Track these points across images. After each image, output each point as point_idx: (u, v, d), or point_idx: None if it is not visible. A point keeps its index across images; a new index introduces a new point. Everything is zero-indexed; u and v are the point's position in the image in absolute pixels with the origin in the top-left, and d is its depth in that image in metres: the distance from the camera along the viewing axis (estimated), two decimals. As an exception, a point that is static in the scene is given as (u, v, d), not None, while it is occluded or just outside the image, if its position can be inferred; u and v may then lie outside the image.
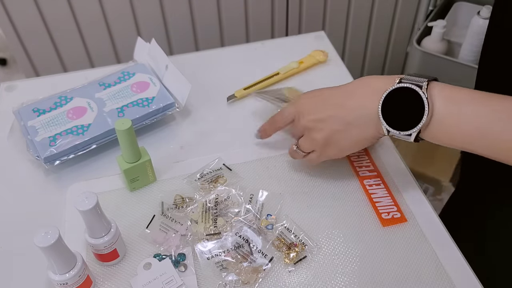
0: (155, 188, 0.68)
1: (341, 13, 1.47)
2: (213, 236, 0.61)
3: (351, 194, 0.67)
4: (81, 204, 0.52)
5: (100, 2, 1.25)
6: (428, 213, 0.64)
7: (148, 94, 0.77)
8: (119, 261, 0.60)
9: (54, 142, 0.69)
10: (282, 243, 0.60)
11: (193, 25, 1.37)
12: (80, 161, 0.72)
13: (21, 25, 1.24)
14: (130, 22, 1.31)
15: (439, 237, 0.61)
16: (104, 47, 1.35)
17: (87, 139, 0.70)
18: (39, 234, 0.49)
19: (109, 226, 0.56)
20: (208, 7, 1.33)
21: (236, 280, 0.57)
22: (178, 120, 0.79)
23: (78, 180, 0.70)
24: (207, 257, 0.59)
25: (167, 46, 1.40)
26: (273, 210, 0.64)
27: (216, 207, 0.64)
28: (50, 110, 0.74)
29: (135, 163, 0.65)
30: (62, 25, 1.27)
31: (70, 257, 0.52)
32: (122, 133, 0.60)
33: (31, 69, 1.35)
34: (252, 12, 1.38)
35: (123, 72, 0.81)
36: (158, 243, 0.61)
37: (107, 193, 0.67)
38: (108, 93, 0.77)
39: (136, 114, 0.74)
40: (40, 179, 0.70)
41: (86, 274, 0.55)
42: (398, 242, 0.61)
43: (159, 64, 0.80)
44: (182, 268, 0.58)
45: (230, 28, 1.40)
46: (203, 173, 0.69)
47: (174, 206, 0.65)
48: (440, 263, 0.59)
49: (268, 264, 0.58)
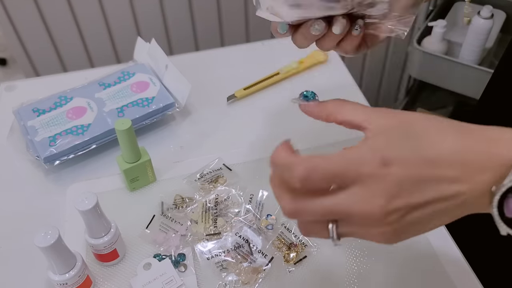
0: (155, 188, 0.68)
1: (341, 13, 1.47)
2: (213, 236, 0.61)
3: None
4: (81, 204, 0.52)
5: (100, 2, 1.25)
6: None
7: (148, 94, 0.77)
8: (119, 261, 0.60)
9: (54, 142, 0.69)
10: (282, 243, 0.60)
11: (193, 25, 1.37)
12: (80, 161, 0.72)
13: (21, 25, 1.24)
14: (130, 22, 1.31)
15: (439, 237, 0.61)
16: (104, 47, 1.35)
17: (87, 139, 0.70)
18: (39, 234, 0.49)
19: (109, 226, 0.56)
20: (208, 7, 1.33)
21: (236, 280, 0.57)
22: (178, 120, 0.79)
23: (78, 180, 0.70)
24: (207, 257, 0.59)
25: (167, 46, 1.40)
26: (273, 210, 0.64)
27: (216, 207, 0.64)
28: (50, 110, 0.74)
29: (135, 163, 0.65)
30: (62, 25, 1.27)
31: (70, 257, 0.52)
32: (122, 133, 0.60)
33: (31, 69, 1.35)
34: (252, 11, 1.38)
35: (123, 72, 0.81)
36: (158, 243, 0.61)
37: (107, 193, 0.67)
38: (108, 93, 0.77)
39: (136, 114, 0.74)
40: (40, 179, 0.70)
41: (86, 274, 0.55)
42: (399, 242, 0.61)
43: (159, 64, 0.80)
44: (182, 268, 0.58)
45: (230, 28, 1.40)
46: (203, 173, 0.69)
47: (174, 206, 0.65)
48: (440, 263, 0.58)
49: (268, 264, 0.58)
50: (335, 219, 0.36)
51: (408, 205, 0.35)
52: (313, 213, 0.36)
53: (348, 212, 0.35)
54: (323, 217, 0.36)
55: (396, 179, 0.35)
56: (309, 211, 0.36)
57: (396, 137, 0.36)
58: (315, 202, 0.36)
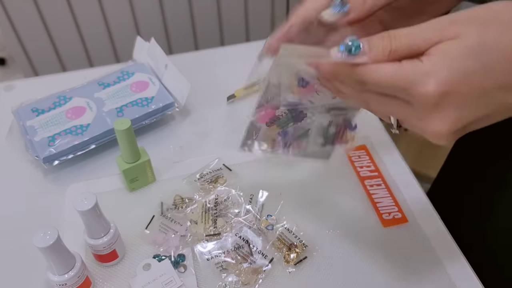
0: (155, 189, 0.68)
1: (341, 12, 1.47)
2: (212, 236, 0.61)
3: (351, 194, 0.66)
4: (80, 205, 0.52)
5: (100, 1, 1.24)
6: (429, 213, 0.64)
7: (147, 93, 0.76)
8: (119, 261, 0.59)
9: (53, 142, 0.69)
10: (283, 244, 0.60)
11: (192, 24, 1.36)
12: (79, 161, 0.72)
13: (20, 25, 1.24)
14: (129, 21, 1.30)
15: (440, 238, 0.61)
16: (103, 47, 1.34)
17: (86, 139, 0.70)
18: (38, 234, 0.48)
19: (108, 226, 0.56)
20: (208, 6, 1.33)
21: (236, 281, 0.57)
22: (178, 120, 0.79)
23: (77, 180, 0.69)
24: (206, 258, 0.59)
25: (167, 46, 1.40)
26: (273, 211, 0.64)
27: (216, 207, 0.64)
28: (49, 110, 0.74)
29: (134, 163, 0.64)
30: (61, 25, 1.26)
31: (69, 257, 0.52)
32: (121, 133, 0.60)
33: (30, 69, 1.35)
34: (252, 11, 1.37)
35: (122, 71, 0.80)
36: (157, 243, 0.61)
37: (106, 194, 0.67)
38: (107, 92, 0.77)
39: (136, 114, 0.73)
40: (39, 179, 0.70)
41: (85, 274, 0.54)
42: (399, 242, 0.61)
43: (159, 64, 0.80)
44: (182, 269, 0.58)
45: (230, 28, 1.40)
46: (203, 173, 0.69)
47: (174, 206, 0.64)
48: (441, 263, 0.58)
49: (268, 265, 0.58)
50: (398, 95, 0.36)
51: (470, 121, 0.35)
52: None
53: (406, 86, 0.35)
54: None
55: (458, 106, 0.35)
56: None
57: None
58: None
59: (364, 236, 0.61)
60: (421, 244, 0.60)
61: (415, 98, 0.35)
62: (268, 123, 0.54)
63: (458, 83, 0.34)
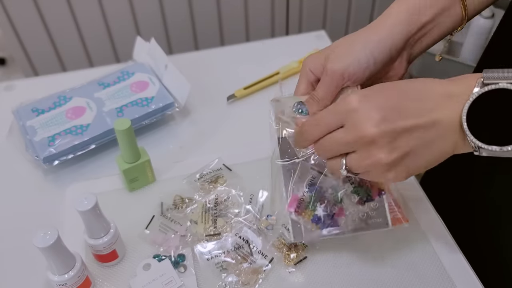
0: (155, 189, 0.68)
1: (342, 12, 1.47)
2: (212, 236, 0.61)
3: (351, 195, 0.66)
4: (80, 205, 0.52)
5: (100, 1, 1.24)
6: (430, 213, 0.64)
7: (147, 93, 0.76)
8: (119, 261, 0.59)
9: (53, 142, 0.69)
10: (283, 244, 0.60)
11: (192, 24, 1.36)
12: (79, 161, 0.72)
13: (20, 25, 1.24)
14: (129, 21, 1.30)
15: (441, 238, 0.61)
16: (103, 47, 1.34)
17: (86, 139, 0.70)
18: (38, 234, 0.48)
19: (108, 226, 0.56)
20: (208, 6, 1.33)
21: (236, 281, 0.57)
22: (178, 120, 0.79)
23: (77, 180, 0.69)
24: (206, 258, 0.59)
25: (167, 46, 1.40)
26: (273, 211, 0.64)
27: (216, 207, 0.64)
28: (49, 110, 0.74)
29: (134, 163, 0.64)
30: (61, 25, 1.26)
31: (69, 257, 0.52)
32: (121, 133, 0.60)
33: (30, 69, 1.35)
34: (252, 11, 1.37)
35: (122, 71, 0.80)
36: (157, 243, 0.60)
37: (106, 194, 0.67)
38: (107, 92, 0.77)
39: (136, 114, 0.73)
40: (39, 179, 0.70)
41: (86, 274, 0.54)
42: (400, 242, 0.61)
43: (159, 64, 0.80)
44: (182, 269, 0.58)
45: (230, 27, 1.40)
46: (203, 173, 0.69)
47: (174, 206, 0.64)
48: (441, 264, 0.58)
49: (268, 265, 0.58)
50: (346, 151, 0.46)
51: (394, 128, 0.42)
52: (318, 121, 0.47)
53: (348, 140, 0.44)
54: (326, 123, 0.46)
55: (376, 106, 0.43)
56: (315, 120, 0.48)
57: (377, 87, 0.46)
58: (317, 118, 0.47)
59: (365, 236, 0.61)
60: (422, 244, 0.60)
61: (349, 120, 0.44)
62: (297, 209, 0.55)
63: (373, 92, 0.45)
